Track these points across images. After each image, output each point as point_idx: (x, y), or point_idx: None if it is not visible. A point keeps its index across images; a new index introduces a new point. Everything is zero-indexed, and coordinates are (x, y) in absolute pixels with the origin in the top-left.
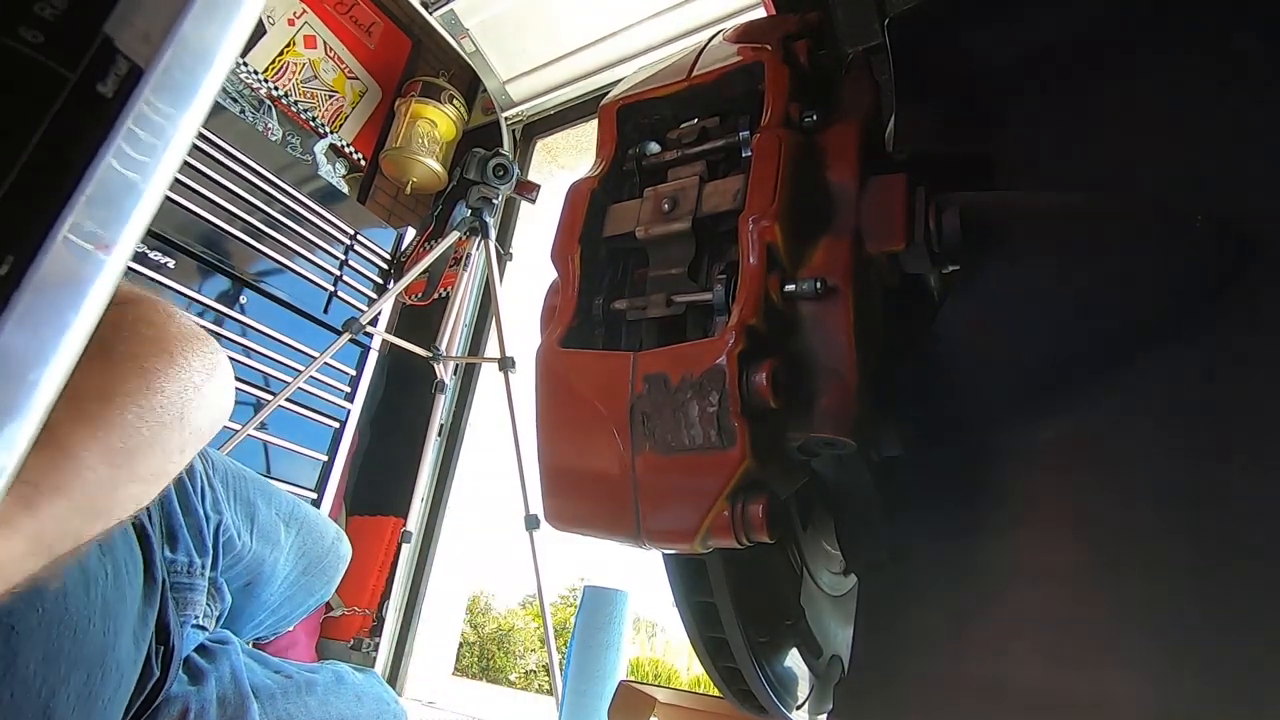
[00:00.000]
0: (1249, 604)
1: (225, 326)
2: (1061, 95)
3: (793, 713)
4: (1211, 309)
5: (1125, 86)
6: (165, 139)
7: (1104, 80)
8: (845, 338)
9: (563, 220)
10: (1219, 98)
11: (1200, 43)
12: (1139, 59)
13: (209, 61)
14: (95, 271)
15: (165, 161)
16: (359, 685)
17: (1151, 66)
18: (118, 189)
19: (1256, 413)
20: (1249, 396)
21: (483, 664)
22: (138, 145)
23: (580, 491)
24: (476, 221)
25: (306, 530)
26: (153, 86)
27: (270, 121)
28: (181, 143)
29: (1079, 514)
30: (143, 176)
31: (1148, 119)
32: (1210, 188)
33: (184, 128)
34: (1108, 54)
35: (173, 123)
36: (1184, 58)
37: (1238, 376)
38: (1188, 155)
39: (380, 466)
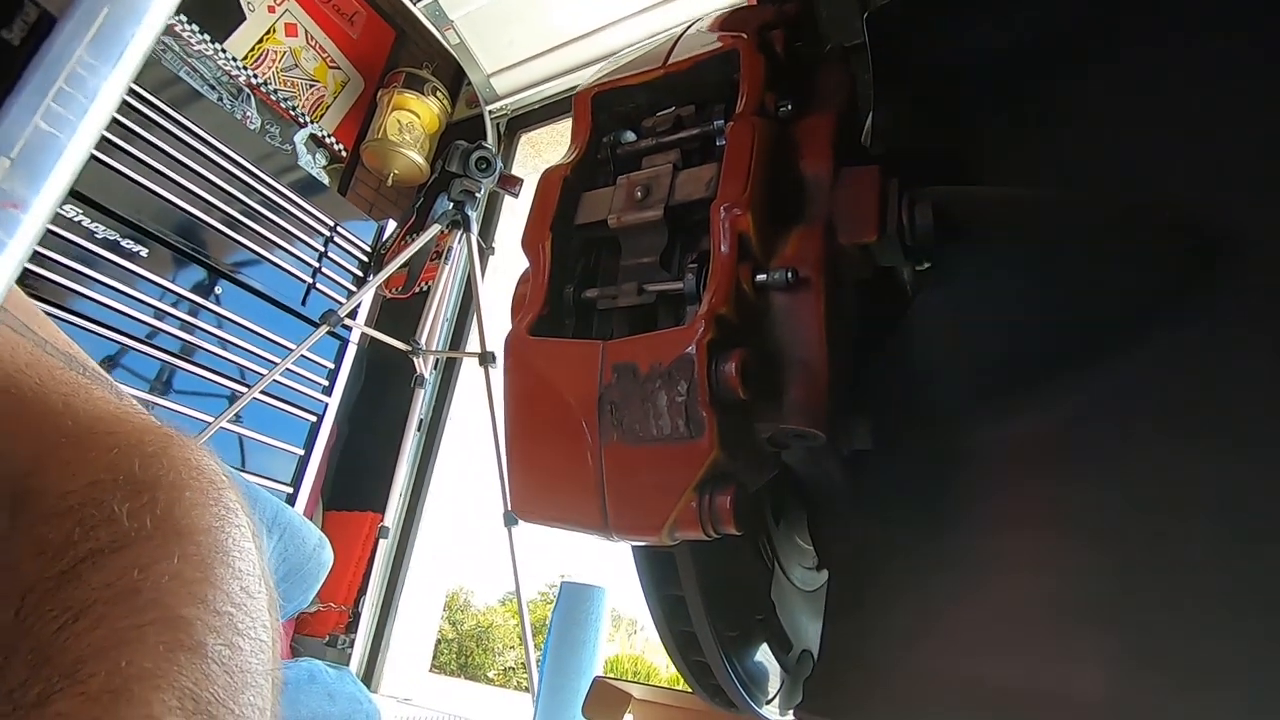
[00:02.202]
0: (1210, 599)
1: (200, 317)
2: (1037, 94)
3: (762, 708)
4: (1174, 307)
5: (1100, 85)
6: (89, 93)
7: (1079, 79)
8: (816, 329)
9: (534, 208)
10: (1186, 98)
11: (1170, 43)
12: (1114, 59)
13: (138, 15)
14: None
15: (90, 117)
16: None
17: (1125, 66)
18: (33, 143)
19: (1217, 409)
20: (1210, 393)
21: (461, 661)
22: (59, 98)
23: (547, 482)
24: (458, 215)
25: (289, 537)
26: (68, 36)
27: (249, 110)
28: (109, 98)
29: (1047, 510)
30: (63, 131)
31: (1120, 118)
32: (1177, 188)
33: (111, 82)
34: (1084, 53)
35: (97, 75)
36: (1155, 58)
37: (1199, 373)
38: (1158, 155)
39: (358, 461)
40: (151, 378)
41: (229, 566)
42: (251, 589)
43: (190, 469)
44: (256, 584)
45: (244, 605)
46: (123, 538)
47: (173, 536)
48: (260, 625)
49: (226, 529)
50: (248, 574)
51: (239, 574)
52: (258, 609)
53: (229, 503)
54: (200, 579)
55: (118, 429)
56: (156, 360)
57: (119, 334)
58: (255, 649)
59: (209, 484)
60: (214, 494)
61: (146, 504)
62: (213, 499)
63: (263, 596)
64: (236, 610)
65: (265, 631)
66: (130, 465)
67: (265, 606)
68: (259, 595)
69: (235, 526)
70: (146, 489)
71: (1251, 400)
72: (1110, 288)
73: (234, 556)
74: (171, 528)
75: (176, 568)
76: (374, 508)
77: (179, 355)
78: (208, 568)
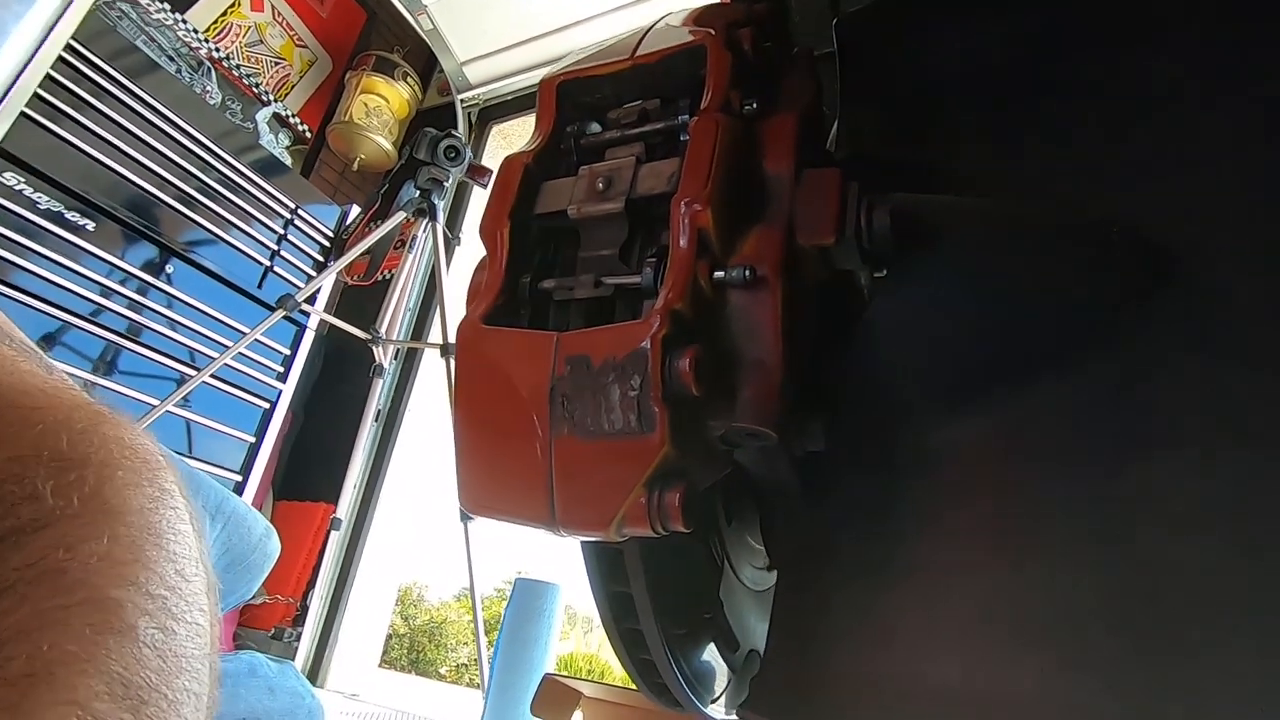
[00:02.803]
0: (1154, 605)
1: (149, 296)
2: (1000, 106)
3: (708, 706)
4: (1125, 318)
5: (1059, 100)
6: None
7: (1039, 93)
8: (772, 328)
9: (493, 195)
10: (1146, 115)
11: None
12: (1074, 75)
13: None
14: None
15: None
16: (273, 677)
17: (1085, 83)
18: None
19: (1162, 417)
20: (1156, 402)
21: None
22: None
23: (495, 474)
24: (425, 203)
25: (234, 525)
26: None
27: (209, 84)
28: None
29: (995, 514)
30: None
31: (1079, 133)
32: (1131, 201)
33: None
34: (1045, 69)
35: None
36: (1116, 77)
37: (1146, 383)
38: (1113, 169)
39: (312, 451)
40: (95, 357)
41: (163, 549)
42: (187, 572)
43: (123, 448)
44: (193, 567)
45: (179, 589)
46: (47, 516)
47: (102, 516)
48: (197, 609)
49: (161, 510)
50: (183, 557)
51: (174, 556)
52: (194, 592)
53: (164, 483)
54: (131, 560)
55: (45, 404)
56: (100, 339)
57: (61, 310)
58: (191, 633)
59: (142, 464)
60: (148, 474)
61: (74, 482)
62: (146, 479)
63: (200, 580)
64: (171, 593)
65: (202, 616)
66: (57, 442)
67: (203, 590)
68: (196, 579)
69: (170, 508)
70: (74, 467)
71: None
72: (1059, 297)
73: (168, 539)
74: (100, 507)
75: (105, 548)
76: (327, 499)
77: (125, 335)
78: (139, 549)
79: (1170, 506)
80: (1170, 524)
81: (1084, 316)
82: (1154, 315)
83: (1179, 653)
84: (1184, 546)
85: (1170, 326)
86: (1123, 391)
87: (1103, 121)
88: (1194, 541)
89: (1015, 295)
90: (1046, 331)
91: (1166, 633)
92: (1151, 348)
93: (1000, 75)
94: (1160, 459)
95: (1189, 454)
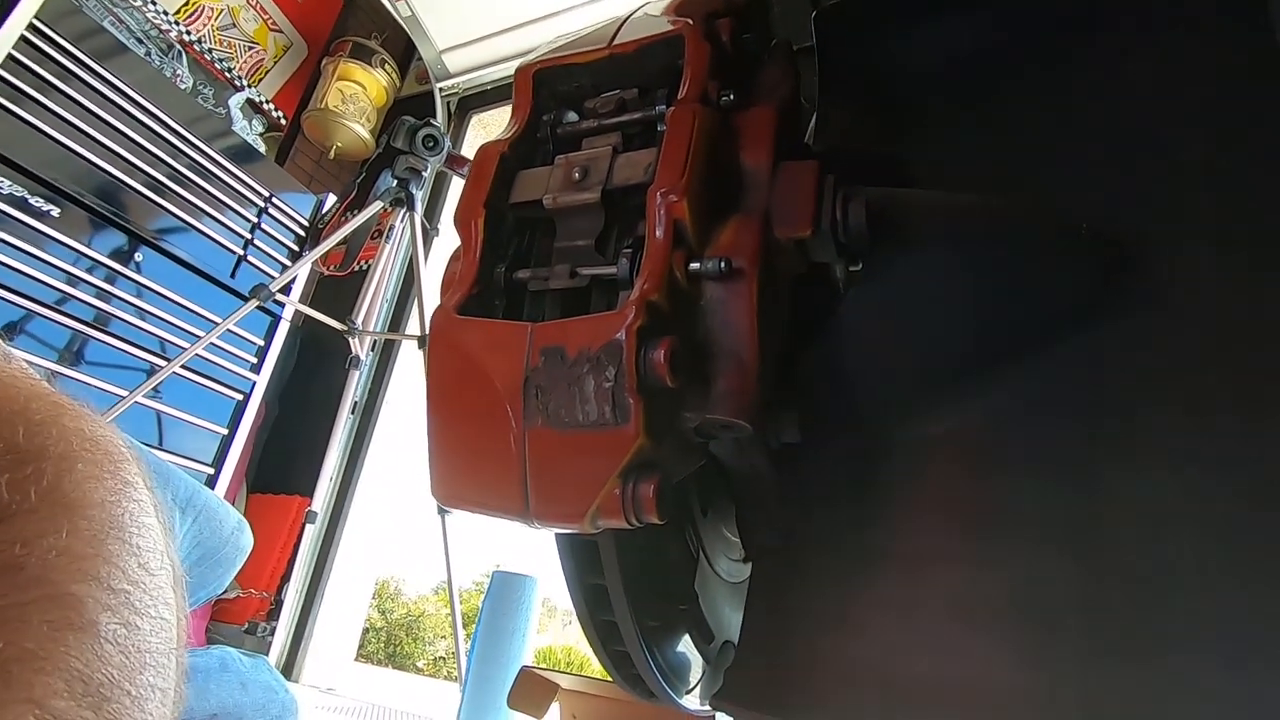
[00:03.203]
0: (1120, 599)
1: (117, 285)
2: (973, 102)
3: (682, 697)
4: (1091, 313)
5: (1032, 98)
6: None
7: (1014, 90)
8: (747, 320)
9: (469, 183)
10: (1116, 113)
11: (1100, 61)
12: (1046, 73)
13: None
14: None
15: None
16: (245, 672)
17: (1056, 81)
18: None
19: (1125, 410)
20: (1120, 396)
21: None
22: None
23: (468, 466)
24: (402, 193)
25: (205, 518)
26: None
27: (180, 68)
28: None
29: (966, 507)
30: None
31: (1050, 130)
32: (1098, 199)
33: None
34: (1019, 65)
35: None
36: (1086, 75)
37: (1109, 377)
38: (1083, 166)
39: (287, 443)
40: (60, 347)
41: (125, 542)
42: (151, 566)
43: (83, 440)
44: (157, 561)
45: (142, 583)
46: (2, 511)
47: (61, 510)
48: (162, 603)
49: (123, 503)
50: (147, 550)
51: (136, 550)
52: (158, 587)
53: (127, 476)
54: (92, 555)
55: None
56: (66, 329)
57: (24, 298)
58: (155, 628)
59: (104, 456)
60: (109, 466)
61: (31, 475)
62: (108, 471)
63: (165, 574)
64: (134, 588)
65: (167, 610)
66: (13, 434)
67: (168, 584)
68: (160, 572)
69: (133, 501)
70: (31, 459)
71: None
72: (1030, 292)
73: (131, 532)
74: (59, 501)
75: (65, 543)
76: (302, 491)
77: (92, 324)
78: (100, 543)
79: (1137, 503)
80: (1138, 520)
81: (1053, 311)
82: (1121, 311)
83: (1142, 643)
84: (1150, 543)
85: (1137, 322)
86: (1094, 385)
87: (1075, 118)
88: (1159, 538)
89: (986, 290)
90: (1016, 326)
91: (1131, 625)
92: (1119, 343)
93: (976, 71)
94: (1127, 456)
95: (1156, 451)
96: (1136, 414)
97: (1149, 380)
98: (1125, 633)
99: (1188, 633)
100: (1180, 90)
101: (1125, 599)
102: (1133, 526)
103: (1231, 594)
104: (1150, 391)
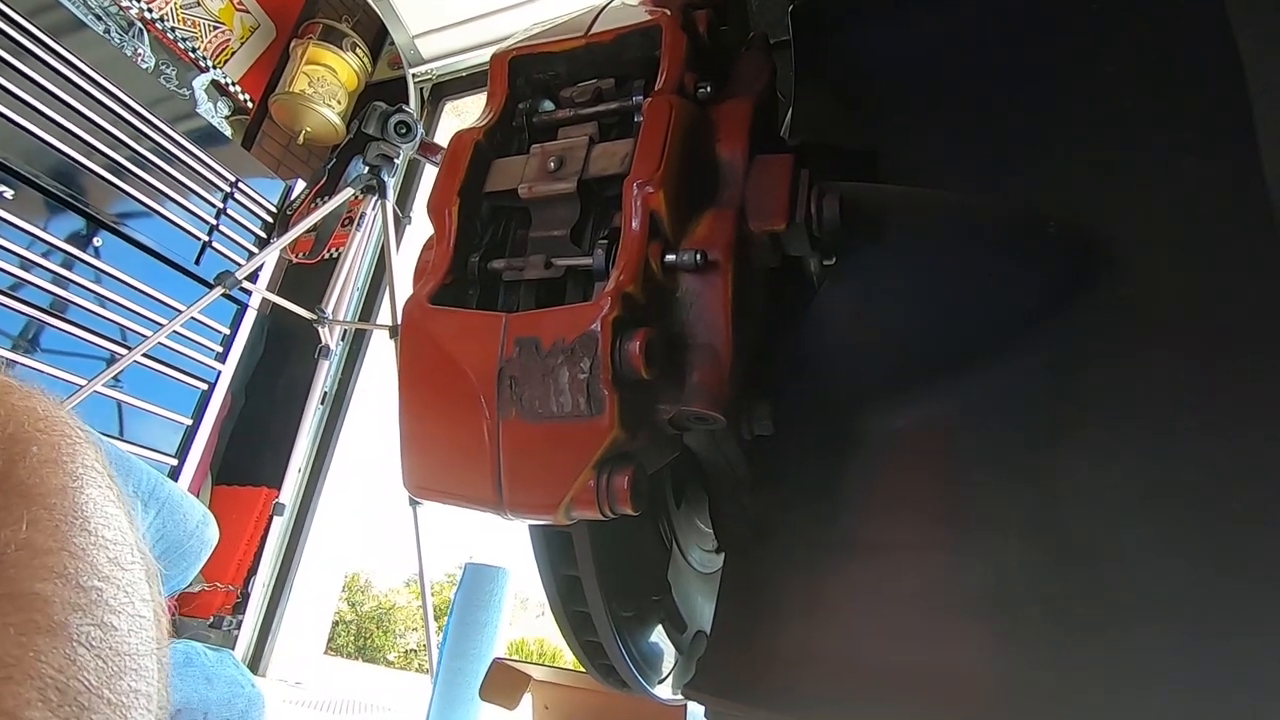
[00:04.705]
0: (1086, 585)
1: (75, 270)
2: (948, 98)
3: (655, 687)
4: (1058, 311)
5: (1006, 95)
6: None
7: (986, 87)
8: (723, 313)
9: (442, 171)
10: (1087, 112)
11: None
12: (1018, 72)
13: None
14: None
15: None
16: (210, 666)
17: (1031, 78)
18: None
19: (1089, 407)
20: (1084, 393)
21: (360, 643)
22: None
23: (441, 457)
24: (374, 180)
25: (169, 512)
26: None
27: (141, 47)
28: None
29: (935, 497)
30: None
31: (1024, 126)
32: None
33: None
34: (991, 63)
35: None
36: (1059, 74)
37: (1075, 374)
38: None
39: (254, 434)
40: (15, 334)
41: (91, 534)
42: (123, 559)
43: (35, 419)
44: (128, 554)
45: (114, 578)
46: None
47: (17, 499)
48: (139, 599)
49: (86, 490)
50: (116, 543)
51: (104, 543)
52: (132, 581)
53: (87, 460)
54: (56, 549)
55: None
56: (21, 315)
57: None
58: (134, 627)
59: (60, 438)
60: (67, 449)
61: None
62: (66, 455)
63: (138, 567)
64: (106, 584)
65: (145, 606)
66: None
67: (142, 578)
68: (133, 566)
69: (96, 487)
70: None
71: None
72: (1000, 290)
73: (97, 522)
74: (14, 489)
75: (24, 536)
76: (269, 483)
77: (48, 311)
78: (64, 536)
79: (1102, 492)
80: (1103, 509)
81: (1022, 307)
82: (1087, 306)
83: (1104, 625)
84: (1114, 531)
85: (1102, 317)
86: (1059, 380)
87: (1045, 117)
88: (1123, 526)
89: (958, 285)
90: (987, 321)
91: (1098, 612)
92: (1084, 338)
93: (951, 67)
94: (1093, 446)
95: (1121, 441)
96: (1102, 409)
97: (1112, 377)
98: (1087, 616)
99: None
100: (1154, 88)
101: (1088, 584)
102: (1100, 519)
103: (1187, 577)
104: (1113, 388)
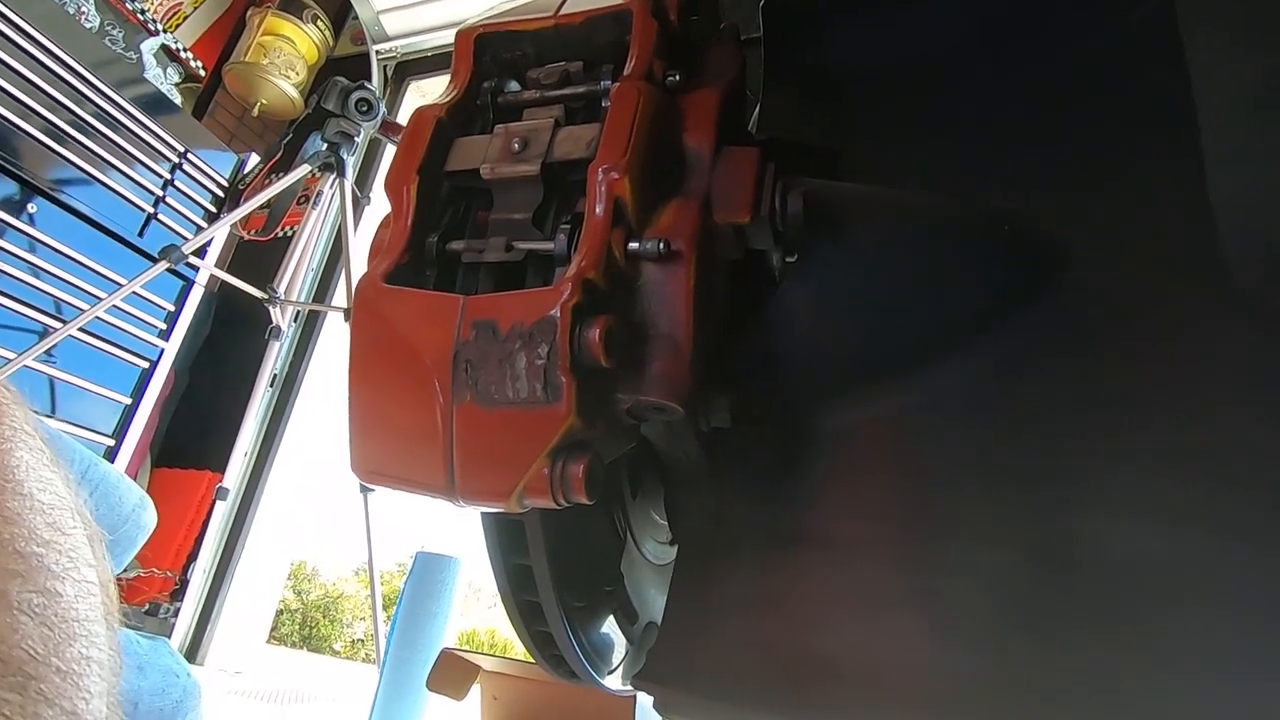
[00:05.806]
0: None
1: (6, 237)
2: (916, 98)
3: (604, 678)
4: (1013, 311)
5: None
6: None
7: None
8: (684, 303)
9: (402, 147)
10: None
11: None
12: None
13: None
14: None
15: None
16: (143, 655)
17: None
18: None
19: (1041, 406)
20: (1034, 389)
21: (305, 632)
22: None
23: (391, 440)
24: (332, 157)
25: (103, 494)
26: None
27: (85, 5)
28: None
29: (889, 492)
30: None
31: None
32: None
33: None
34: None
35: None
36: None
37: (1027, 373)
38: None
39: (198, 415)
40: None
41: (25, 497)
42: (62, 523)
43: None
44: (69, 517)
45: (55, 543)
46: None
47: None
48: (83, 563)
49: (16, 452)
50: (54, 506)
51: (41, 506)
52: (74, 546)
53: (15, 420)
54: None
55: None
56: None
57: None
58: (81, 592)
59: None
60: None
61: None
62: None
63: (79, 532)
64: (46, 549)
65: (90, 571)
66: None
67: (84, 542)
68: (74, 530)
69: (28, 449)
70: None
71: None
72: (958, 288)
73: (30, 486)
74: None
75: None
76: (213, 467)
77: None
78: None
79: (1059, 489)
80: (1059, 506)
81: (977, 307)
82: (1041, 306)
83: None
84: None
85: (1055, 317)
86: (1012, 378)
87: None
88: (1081, 524)
89: (916, 283)
90: (942, 320)
91: (1053, 608)
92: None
93: (920, 67)
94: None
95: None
96: (1054, 407)
97: (1064, 375)
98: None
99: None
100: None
101: (1048, 585)
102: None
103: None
104: (1065, 387)
